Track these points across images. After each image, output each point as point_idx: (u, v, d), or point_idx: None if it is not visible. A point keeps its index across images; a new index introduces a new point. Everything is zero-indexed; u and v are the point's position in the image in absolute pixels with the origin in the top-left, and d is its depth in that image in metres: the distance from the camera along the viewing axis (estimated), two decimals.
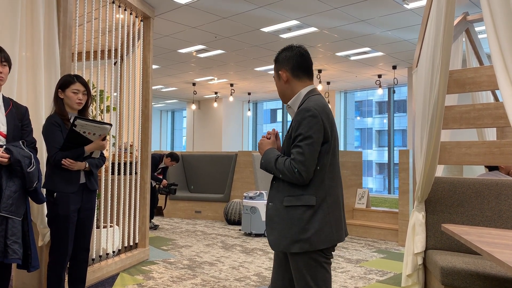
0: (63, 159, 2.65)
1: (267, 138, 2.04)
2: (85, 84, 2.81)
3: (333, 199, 1.90)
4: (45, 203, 2.82)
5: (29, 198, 2.56)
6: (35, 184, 2.46)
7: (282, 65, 2.00)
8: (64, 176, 2.71)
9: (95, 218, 3.45)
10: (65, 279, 2.94)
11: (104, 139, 2.79)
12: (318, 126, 1.83)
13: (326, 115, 1.87)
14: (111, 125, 2.79)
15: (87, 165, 2.77)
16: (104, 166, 3.85)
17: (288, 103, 2.01)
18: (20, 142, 2.47)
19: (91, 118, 2.79)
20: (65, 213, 2.70)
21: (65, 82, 2.78)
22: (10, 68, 2.50)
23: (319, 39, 7.15)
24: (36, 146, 2.66)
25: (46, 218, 3.02)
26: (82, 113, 2.88)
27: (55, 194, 2.71)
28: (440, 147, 3.01)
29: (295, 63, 1.97)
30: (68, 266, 2.95)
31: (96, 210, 3.41)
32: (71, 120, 2.68)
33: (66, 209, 2.70)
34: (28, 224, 2.51)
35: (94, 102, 3.90)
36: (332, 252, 1.93)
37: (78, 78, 2.80)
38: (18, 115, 2.54)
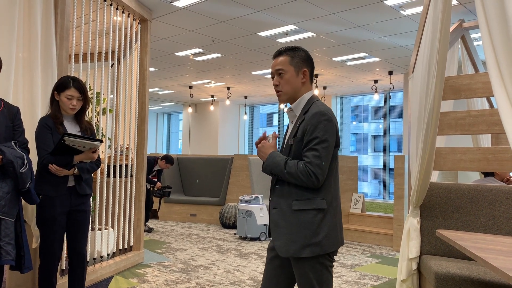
0: (49, 164, 2.60)
1: (264, 139, 1.99)
2: (80, 89, 2.73)
3: (337, 203, 1.91)
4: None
5: (22, 199, 2.55)
6: (28, 185, 2.44)
7: (304, 64, 1.95)
8: (50, 179, 2.66)
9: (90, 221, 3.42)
10: (57, 283, 2.90)
11: (94, 151, 2.71)
12: (332, 130, 1.84)
13: (336, 120, 1.90)
14: (101, 141, 2.71)
15: (75, 171, 2.70)
16: (99, 168, 3.83)
17: (291, 106, 1.98)
18: (12, 142, 2.45)
19: (80, 135, 2.71)
20: (50, 215, 2.66)
21: (61, 85, 2.72)
22: (0, 67, 2.48)
23: (316, 44, 7.17)
24: (28, 146, 2.64)
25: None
26: (78, 117, 2.83)
27: (40, 196, 2.67)
28: (435, 153, 3.02)
29: (313, 66, 1.98)
30: (67, 270, 2.91)
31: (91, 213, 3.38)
32: (68, 131, 2.65)
33: (51, 211, 2.66)
34: (21, 225, 2.49)
35: (90, 105, 3.89)
36: (334, 256, 1.93)
37: (74, 83, 2.72)
38: (10, 115, 2.51)
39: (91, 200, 2.93)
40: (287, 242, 1.84)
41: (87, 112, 2.94)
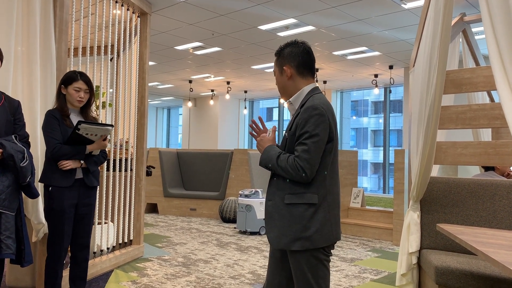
0: (62, 156, 2.66)
1: (264, 132, 2.03)
2: (87, 82, 2.80)
3: (333, 198, 1.90)
4: (42, 197, 2.80)
5: (22, 193, 2.55)
6: (28, 179, 2.44)
7: (286, 60, 1.97)
8: (59, 170, 2.70)
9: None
10: (62, 276, 2.89)
11: (105, 139, 2.79)
12: (324, 125, 1.83)
13: (331, 114, 1.88)
14: (112, 126, 2.79)
15: (82, 162, 2.76)
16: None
17: (290, 99, 1.99)
18: (13, 136, 2.45)
19: (93, 121, 2.79)
20: (60, 207, 2.69)
21: (68, 78, 2.77)
22: (1, 61, 2.48)
23: (316, 38, 7.14)
24: (29, 140, 2.64)
25: (41, 214, 3.01)
26: (84, 110, 2.88)
27: (50, 188, 2.71)
28: (436, 147, 3.01)
29: (300, 60, 1.96)
30: (69, 264, 2.92)
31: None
32: (75, 124, 2.69)
33: (60, 203, 2.69)
34: (22, 219, 2.49)
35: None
36: (331, 250, 1.93)
37: (82, 76, 2.79)
38: (11, 109, 2.51)
39: (97, 193, 2.96)
40: (279, 235, 1.87)
41: None
